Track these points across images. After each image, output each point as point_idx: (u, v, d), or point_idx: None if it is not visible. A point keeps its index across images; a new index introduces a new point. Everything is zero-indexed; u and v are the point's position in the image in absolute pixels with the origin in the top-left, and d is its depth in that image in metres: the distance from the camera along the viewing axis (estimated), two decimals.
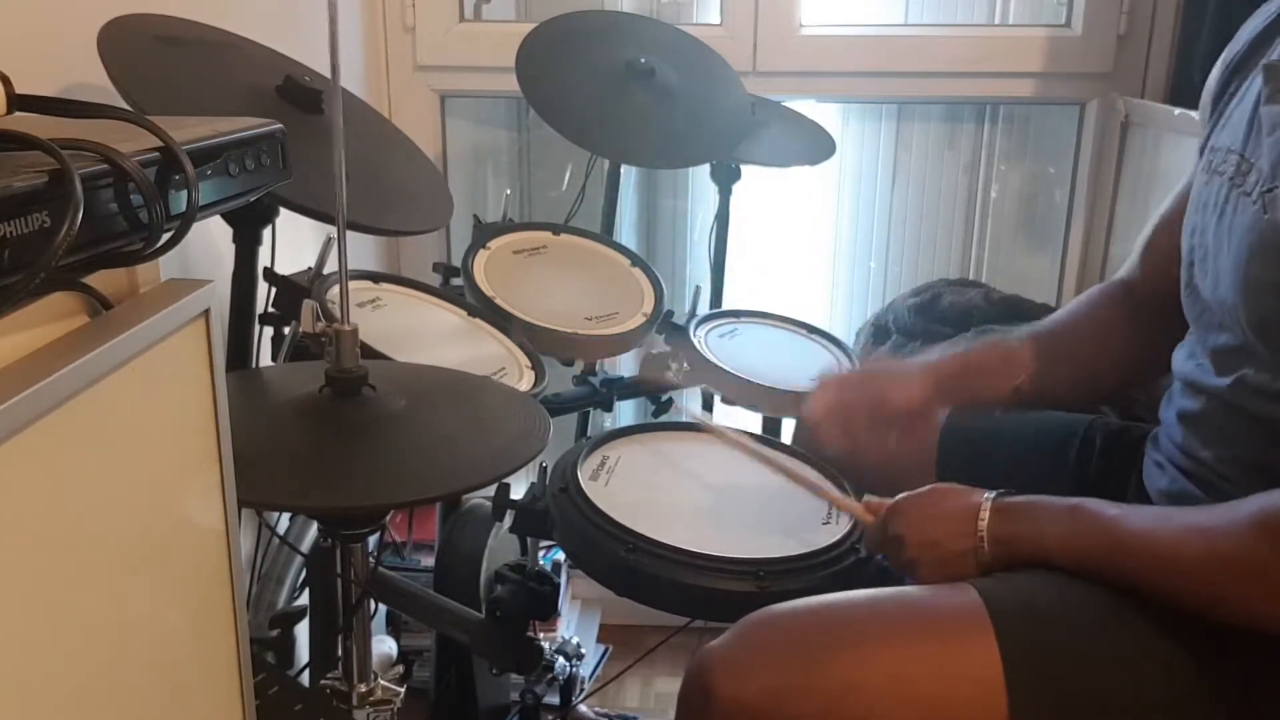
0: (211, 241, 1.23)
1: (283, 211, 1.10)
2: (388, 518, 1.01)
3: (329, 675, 1.04)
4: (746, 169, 1.71)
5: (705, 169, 1.74)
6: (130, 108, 0.89)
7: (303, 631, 1.32)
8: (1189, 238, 0.95)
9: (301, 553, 1.36)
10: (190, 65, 1.11)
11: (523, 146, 2.11)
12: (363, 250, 1.84)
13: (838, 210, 2.10)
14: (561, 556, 1.71)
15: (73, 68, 1.02)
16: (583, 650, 1.76)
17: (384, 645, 1.56)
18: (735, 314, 1.61)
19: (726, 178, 1.72)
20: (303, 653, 1.34)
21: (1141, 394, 1.32)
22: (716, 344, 1.49)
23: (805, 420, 1.10)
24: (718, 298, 1.80)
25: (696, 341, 1.47)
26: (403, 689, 1.05)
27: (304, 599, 1.35)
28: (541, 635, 1.58)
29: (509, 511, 1.09)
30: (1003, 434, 1.15)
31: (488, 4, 2.01)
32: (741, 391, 1.38)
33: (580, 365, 1.49)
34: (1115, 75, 1.88)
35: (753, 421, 1.48)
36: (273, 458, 0.85)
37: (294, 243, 1.22)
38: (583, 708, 1.76)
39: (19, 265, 0.48)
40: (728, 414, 1.44)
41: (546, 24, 1.59)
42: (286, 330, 1.20)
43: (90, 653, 0.57)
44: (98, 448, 0.57)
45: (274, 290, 1.21)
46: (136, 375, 0.59)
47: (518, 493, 1.10)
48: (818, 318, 1.68)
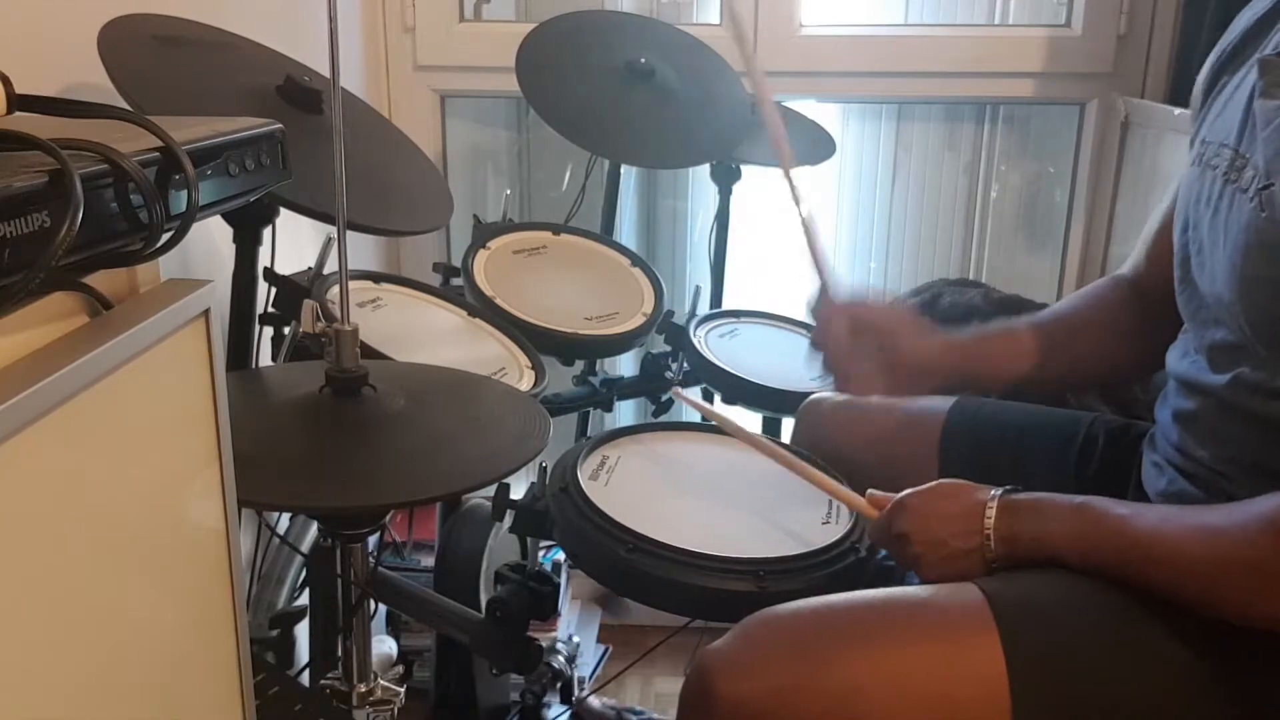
0: (211, 241, 1.23)
1: (283, 211, 1.10)
2: (388, 518, 1.00)
3: (329, 675, 1.04)
4: (746, 169, 1.71)
5: (705, 169, 1.74)
6: (130, 108, 0.89)
7: (303, 631, 1.32)
8: (1182, 233, 0.94)
9: (301, 553, 1.36)
10: (190, 65, 1.11)
11: (522, 146, 2.11)
12: (363, 250, 1.84)
13: (838, 210, 2.10)
14: (561, 556, 1.71)
15: (73, 68, 1.01)
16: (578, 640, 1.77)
17: (384, 645, 1.56)
18: (735, 314, 1.61)
19: (726, 178, 1.72)
20: (303, 653, 1.34)
21: (1142, 392, 1.32)
22: (716, 344, 1.50)
23: (824, 300, 1.09)
24: (718, 298, 1.80)
25: (696, 341, 1.47)
26: (403, 689, 1.04)
27: (304, 599, 1.35)
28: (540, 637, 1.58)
29: (509, 511, 1.09)
30: (1006, 430, 1.15)
31: (488, 4, 2.01)
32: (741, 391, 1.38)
33: (580, 365, 1.49)
34: (1115, 75, 1.88)
35: (753, 422, 1.48)
36: (273, 458, 0.85)
37: (294, 243, 1.22)
38: (593, 699, 1.76)
39: (19, 265, 0.48)
40: (727, 414, 1.44)
41: (546, 24, 1.59)
42: (286, 330, 1.20)
43: (90, 653, 0.57)
44: (98, 448, 0.57)
45: (274, 290, 1.21)
46: (136, 375, 0.59)
47: (518, 493, 1.10)
48: None
